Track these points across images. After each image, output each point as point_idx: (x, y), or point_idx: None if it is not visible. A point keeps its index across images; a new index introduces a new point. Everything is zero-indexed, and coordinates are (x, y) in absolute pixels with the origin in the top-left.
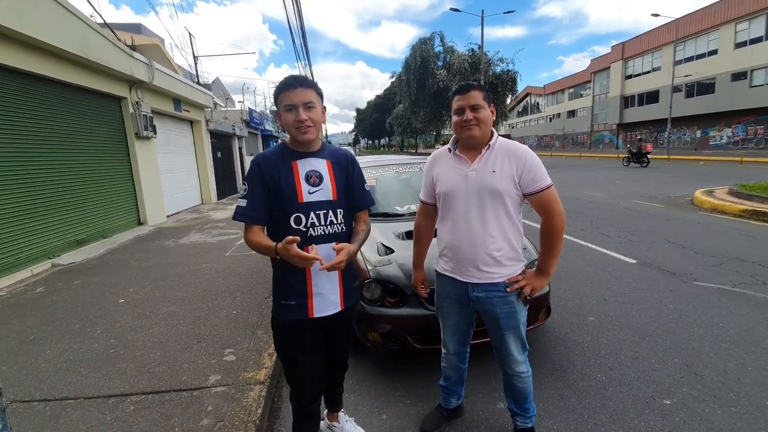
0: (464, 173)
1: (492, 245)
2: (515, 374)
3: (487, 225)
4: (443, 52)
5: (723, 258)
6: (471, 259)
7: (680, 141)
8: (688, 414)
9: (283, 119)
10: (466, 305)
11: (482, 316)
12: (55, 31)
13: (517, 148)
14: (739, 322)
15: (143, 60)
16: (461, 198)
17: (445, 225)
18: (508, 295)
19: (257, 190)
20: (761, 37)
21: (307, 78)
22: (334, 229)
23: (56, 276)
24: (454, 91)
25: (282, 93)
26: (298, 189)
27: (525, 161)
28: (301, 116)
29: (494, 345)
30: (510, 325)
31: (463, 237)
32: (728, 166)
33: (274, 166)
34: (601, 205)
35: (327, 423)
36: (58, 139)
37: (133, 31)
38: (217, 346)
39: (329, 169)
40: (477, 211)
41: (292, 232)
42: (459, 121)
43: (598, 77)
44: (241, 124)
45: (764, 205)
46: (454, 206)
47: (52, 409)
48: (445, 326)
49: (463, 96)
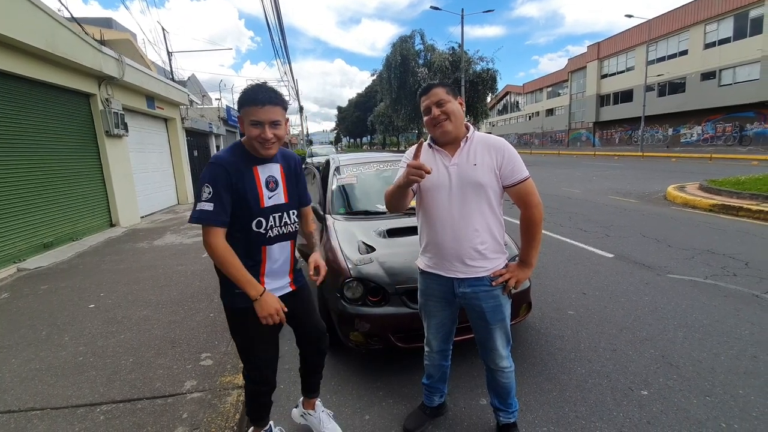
0: (445, 168)
1: (476, 239)
2: (499, 370)
3: (470, 219)
4: (424, 51)
5: (695, 251)
6: (456, 254)
7: (653, 139)
8: (664, 404)
9: (246, 131)
10: (452, 302)
11: (467, 312)
12: (20, 25)
13: (495, 140)
14: (712, 313)
15: (113, 55)
16: (444, 193)
17: (427, 221)
18: (494, 289)
19: (223, 193)
20: (729, 38)
21: (276, 93)
22: (289, 229)
23: (22, 281)
24: (418, 95)
25: (249, 107)
26: (260, 194)
27: (504, 152)
28: (267, 134)
29: (479, 341)
30: (496, 319)
31: (447, 232)
32: (698, 163)
33: (239, 172)
34: (578, 201)
35: (302, 410)
36: (22, 137)
37: (104, 25)
38: (193, 351)
39: (282, 174)
40: (460, 206)
41: (252, 235)
42: (429, 119)
43: (575, 76)
44: (218, 122)
45: (733, 199)
46: (437, 202)
47: (17, 421)
48: (430, 325)
49: (426, 95)
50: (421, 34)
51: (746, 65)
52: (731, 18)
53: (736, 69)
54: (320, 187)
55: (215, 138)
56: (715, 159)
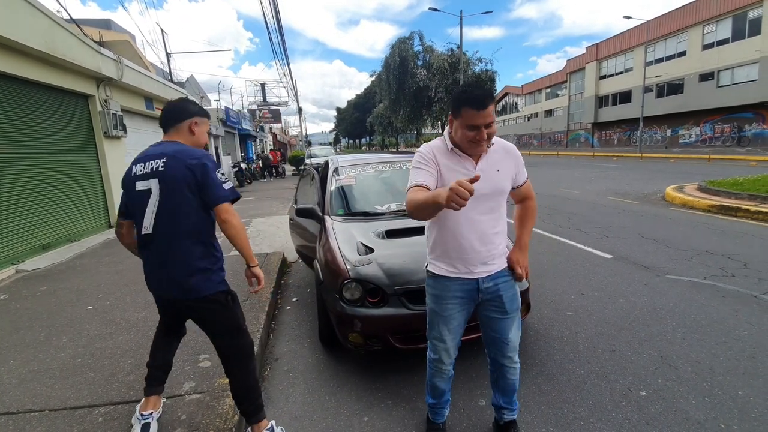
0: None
1: (498, 241)
2: (510, 365)
3: (494, 223)
4: (423, 52)
5: (693, 252)
6: (482, 258)
7: (652, 140)
8: (663, 405)
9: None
10: (474, 300)
11: (484, 308)
12: (18, 26)
13: (510, 145)
14: (710, 314)
15: (111, 56)
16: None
17: (448, 226)
18: (511, 279)
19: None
20: (727, 39)
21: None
22: None
23: (20, 282)
24: (466, 100)
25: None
26: None
27: (518, 158)
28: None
29: (492, 337)
30: (513, 308)
31: (474, 238)
32: (697, 164)
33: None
34: (577, 202)
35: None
36: (21, 139)
37: (102, 26)
38: (192, 352)
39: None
40: (485, 211)
41: None
42: (472, 137)
43: (573, 77)
44: (217, 123)
45: (731, 200)
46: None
47: (15, 422)
48: (449, 329)
49: (479, 113)
50: (420, 35)
51: (745, 66)
52: (729, 19)
53: (735, 70)
54: (319, 189)
55: (214, 139)
56: (714, 160)
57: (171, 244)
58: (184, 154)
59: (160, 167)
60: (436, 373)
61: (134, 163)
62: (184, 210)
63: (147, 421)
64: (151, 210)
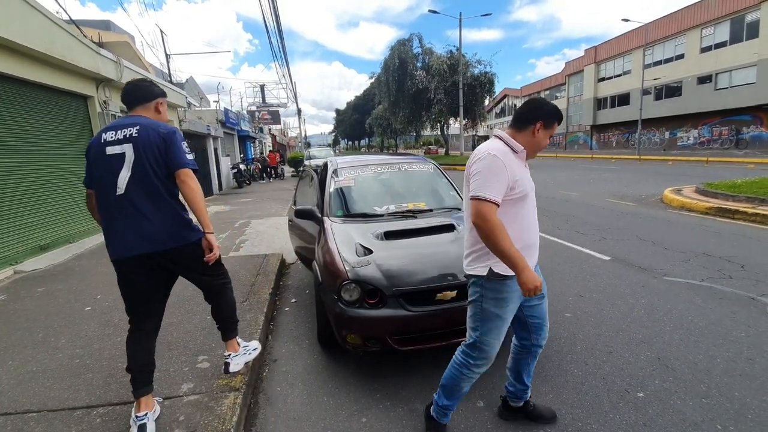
0: (529, 174)
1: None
2: (542, 345)
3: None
4: (422, 54)
5: (691, 254)
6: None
7: (650, 142)
8: (660, 406)
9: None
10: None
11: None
12: (18, 27)
13: None
14: (708, 315)
15: (111, 57)
16: (533, 196)
17: (523, 224)
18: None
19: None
20: (725, 42)
21: None
22: None
23: (18, 283)
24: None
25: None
26: None
27: None
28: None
29: (538, 321)
30: (545, 290)
31: (536, 233)
32: (695, 166)
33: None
34: (576, 203)
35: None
36: (20, 139)
37: (102, 27)
38: (190, 353)
39: None
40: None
41: None
42: (546, 144)
43: (572, 80)
44: (216, 125)
45: (729, 202)
46: (530, 206)
47: (13, 423)
48: (501, 332)
49: (558, 123)
50: (419, 37)
51: (742, 69)
52: (727, 22)
53: (733, 73)
54: (318, 190)
55: (213, 140)
56: (712, 162)
57: (154, 201)
58: (156, 125)
59: (134, 134)
60: (470, 379)
61: (104, 131)
62: (158, 172)
63: (143, 422)
64: (125, 173)
